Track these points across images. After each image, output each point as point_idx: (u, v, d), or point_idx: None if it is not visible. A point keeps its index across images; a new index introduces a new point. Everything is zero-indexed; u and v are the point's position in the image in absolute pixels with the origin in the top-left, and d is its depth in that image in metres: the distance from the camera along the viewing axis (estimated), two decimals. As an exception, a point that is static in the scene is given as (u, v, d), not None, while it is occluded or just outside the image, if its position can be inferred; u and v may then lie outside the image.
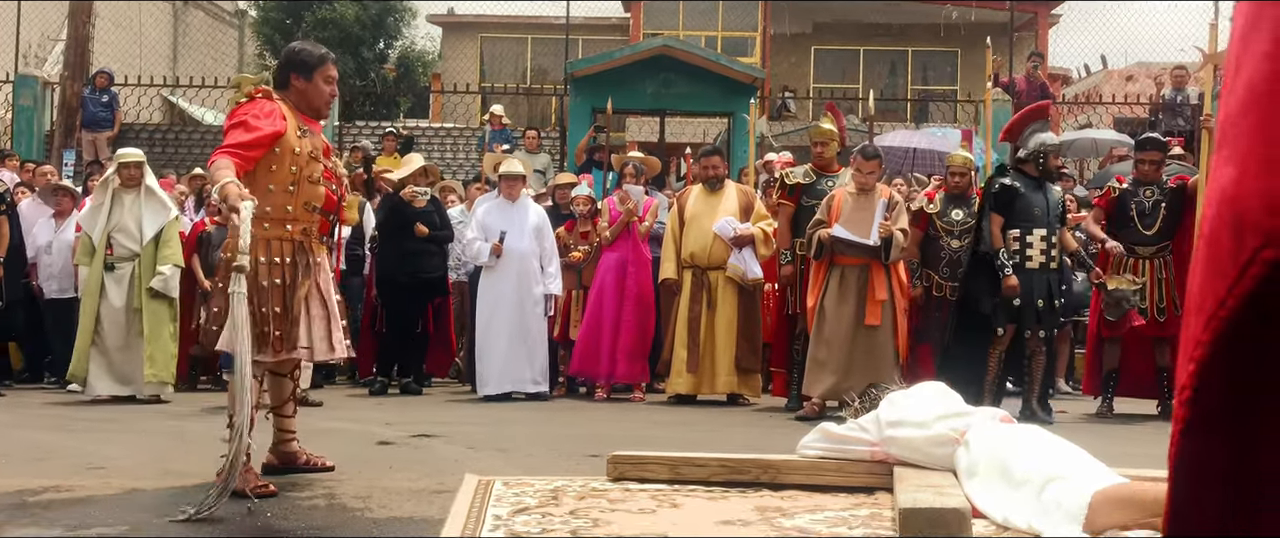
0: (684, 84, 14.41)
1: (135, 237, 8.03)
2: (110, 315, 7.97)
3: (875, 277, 7.35)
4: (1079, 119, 18.18)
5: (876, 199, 7.42)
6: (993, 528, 3.43)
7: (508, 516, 3.52)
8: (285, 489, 4.12)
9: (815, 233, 7.48)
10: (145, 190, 8.10)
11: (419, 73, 25.57)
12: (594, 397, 8.63)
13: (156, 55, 22.12)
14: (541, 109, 20.44)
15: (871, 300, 7.29)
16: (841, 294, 7.39)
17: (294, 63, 4.62)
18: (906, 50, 22.13)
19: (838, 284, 7.41)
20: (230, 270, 4.08)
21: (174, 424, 6.69)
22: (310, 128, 4.60)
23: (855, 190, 7.50)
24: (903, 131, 15.90)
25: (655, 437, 6.02)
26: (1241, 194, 0.88)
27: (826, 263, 7.46)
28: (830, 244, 7.38)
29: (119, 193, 8.07)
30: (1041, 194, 7.49)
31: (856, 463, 4.11)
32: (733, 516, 3.58)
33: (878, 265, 7.35)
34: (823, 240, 7.40)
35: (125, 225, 8.04)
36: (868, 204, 7.39)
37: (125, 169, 8.03)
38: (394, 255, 8.92)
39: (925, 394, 4.29)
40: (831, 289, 7.42)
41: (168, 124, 18.18)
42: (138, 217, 8.06)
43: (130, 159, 8.12)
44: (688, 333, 8.18)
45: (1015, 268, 7.32)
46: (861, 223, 7.32)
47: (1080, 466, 3.52)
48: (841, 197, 7.52)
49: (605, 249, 8.77)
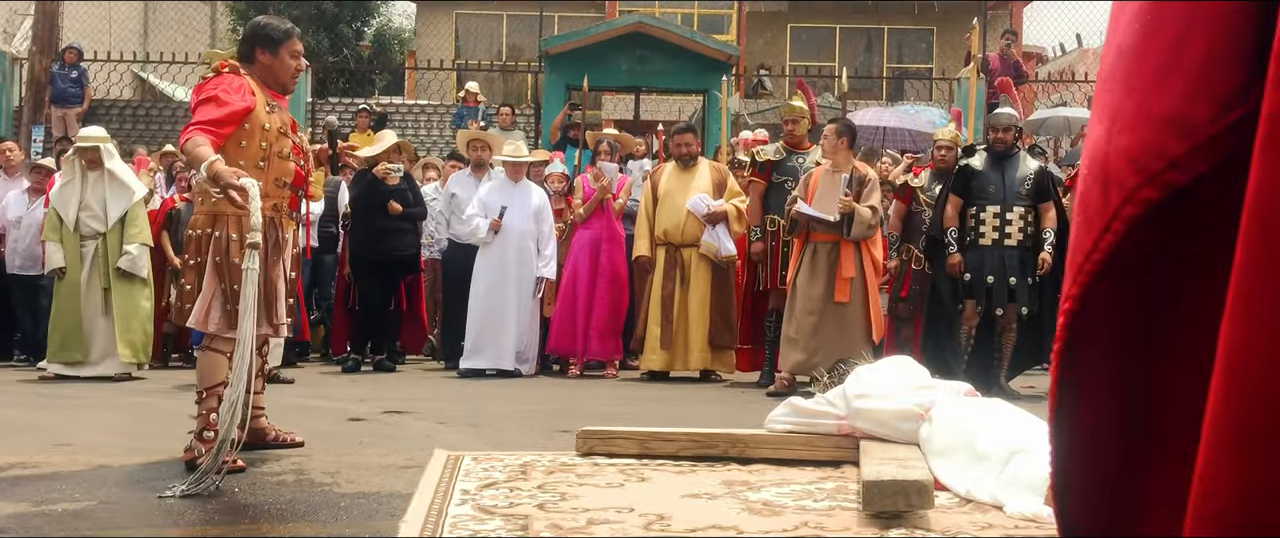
0: (659, 61, 14.37)
1: (100, 217, 7.97)
2: (75, 294, 7.92)
3: (845, 254, 7.40)
4: (1053, 98, 18.26)
5: (842, 175, 7.47)
6: (956, 501, 3.47)
7: (476, 490, 3.53)
8: (253, 465, 4.12)
9: (790, 209, 7.54)
10: (108, 173, 8.03)
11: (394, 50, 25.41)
12: (567, 374, 8.65)
13: (127, 31, 21.90)
14: (516, 86, 20.36)
15: (839, 278, 7.35)
16: (813, 271, 7.46)
17: (259, 37, 4.56)
18: (883, 28, 22.15)
19: (810, 260, 7.48)
20: (206, 247, 4.17)
21: (143, 401, 6.66)
22: (278, 103, 4.57)
23: (830, 167, 7.54)
24: (874, 109, 15.92)
25: (627, 413, 6.04)
26: (1108, 151, 0.90)
27: (803, 240, 7.52)
28: (802, 221, 7.43)
29: (85, 172, 8.00)
30: (1000, 171, 7.54)
31: (823, 437, 4.14)
32: (700, 489, 3.61)
33: (847, 243, 7.40)
34: (795, 216, 7.46)
35: (90, 205, 7.98)
36: (835, 180, 7.44)
37: (83, 152, 7.96)
38: (367, 233, 8.89)
39: (892, 369, 4.33)
40: (804, 266, 7.48)
41: (139, 100, 18.01)
42: (101, 197, 8.00)
43: (88, 142, 8.03)
44: (661, 310, 8.19)
45: (968, 245, 7.41)
46: (829, 199, 7.38)
47: (1043, 439, 3.56)
48: (818, 174, 7.56)
49: (579, 227, 8.77)
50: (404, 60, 22.68)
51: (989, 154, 7.67)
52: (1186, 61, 0.87)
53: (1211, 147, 0.85)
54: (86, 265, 7.95)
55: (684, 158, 8.40)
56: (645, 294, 8.37)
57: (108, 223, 7.96)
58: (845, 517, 3.21)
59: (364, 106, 14.75)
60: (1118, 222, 0.89)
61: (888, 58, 22.23)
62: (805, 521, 3.14)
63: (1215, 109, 0.85)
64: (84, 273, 7.95)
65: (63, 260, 7.95)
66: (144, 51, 20.00)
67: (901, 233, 8.45)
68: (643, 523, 3.08)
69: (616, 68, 14.28)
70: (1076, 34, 23.53)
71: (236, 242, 4.24)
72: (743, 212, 8.21)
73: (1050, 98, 18.37)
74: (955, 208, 7.55)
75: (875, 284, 7.58)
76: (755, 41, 21.40)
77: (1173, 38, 0.88)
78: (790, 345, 7.43)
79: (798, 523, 3.11)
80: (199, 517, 3.27)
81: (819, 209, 7.35)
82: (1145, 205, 0.88)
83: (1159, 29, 0.90)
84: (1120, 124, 0.90)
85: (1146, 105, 0.89)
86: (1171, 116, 0.87)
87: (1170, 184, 0.87)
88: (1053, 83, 18.90)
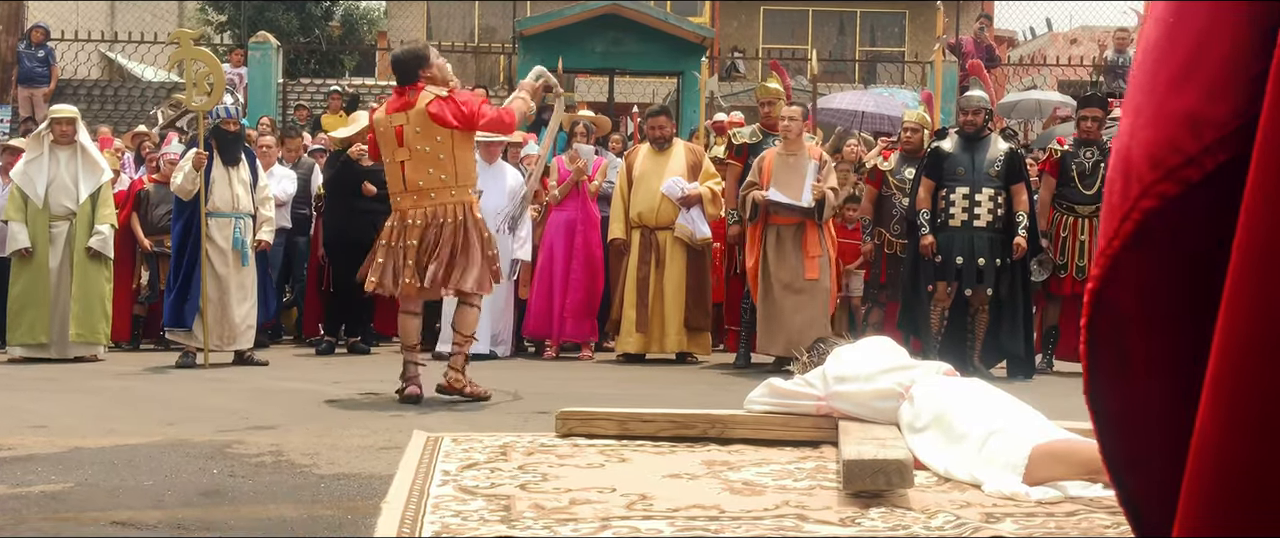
0: (634, 43, 14.34)
1: (73, 195, 7.89)
2: (44, 275, 7.83)
3: (809, 234, 7.50)
4: (1024, 81, 18.37)
5: (805, 160, 7.51)
6: (935, 480, 3.50)
7: (457, 471, 3.53)
8: (230, 446, 4.10)
9: (748, 195, 7.57)
10: (80, 148, 7.95)
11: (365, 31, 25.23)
12: (543, 356, 8.64)
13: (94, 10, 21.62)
14: (489, 68, 20.26)
15: (808, 256, 7.43)
16: (779, 253, 7.52)
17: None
18: (855, 11, 22.18)
19: (775, 244, 7.54)
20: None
21: (116, 384, 6.61)
22: None
23: (783, 151, 7.58)
24: (852, 93, 15.97)
25: (604, 394, 6.05)
26: (1130, 145, 0.93)
27: (762, 224, 7.56)
28: (764, 206, 7.47)
29: (54, 150, 7.91)
30: (970, 154, 7.59)
31: (802, 418, 4.17)
32: (680, 469, 3.62)
33: (811, 223, 7.48)
34: (757, 202, 7.49)
35: (62, 183, 7.89)
36: (798, 165, 7.49)
37: (57, 125, 7.88)
38: (342, 214, 8.83)
39: (871, 349, 4.35)
40: (770, 249, 7.55)
41: (106, 80, 17.80)
42: (74, 175, 7.91)
43: (63, 115, 7.96)
44: (636, 293, 8.19)
45: (939, 227, 7.47)
46: (793, 185, 7.42)
47: (1021, 419, 3.61)
48: (771, 157, 7.60)
49: (554, 209, 8.75)
50: (375, 41, 22.52)
51: (960, 136, 7.73)
52: (1208, 62, 0.90)
53: (1223, 146, 0.88)
54: (58, 246, 7.87)
55: (659, 140, 8.39)
56: (620, 277, 8.37)
57: (79, 200, 7.88)
58: (826, 496, 3.23)
59: (336, 88, 14.65)
60: (1136, 212, 0.93)
61: (860, 40, 22.27)
62: (786, 500, 3.16)
63: (1233, 109, 0.88)
64: (56, 254, 7.86)
65: (28, 241, 7.85)
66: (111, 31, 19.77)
67: (873, 217, 8.50)
68: (625, 503, 3.09)
69: (591, 50, 14.24)
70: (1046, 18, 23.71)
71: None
72: (718, 194, 8.22)
73: (1021, 81, 18.47)
74: (927, 190, 7.61)
75: (834, 261, 7.77)
76: (729, 24, 21.38)
77: (1195, 39, 0.90)
78: (770, 327, 7.48)
79: (779, 503, 3.13)
80: (178, 500, 3.25)
81: (785, 195, 7.40)
82: (1161, 199, 0.91)
83: (1182, 29, 0.92)
84: (1143, 119, 0.93)
85: (1166, 103, 0.92)
86: (1190, 115, 0.90)
87: (1186, 180, 0.90)
88: (1024, 66, 19.01)
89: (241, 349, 7.62)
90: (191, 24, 22.44)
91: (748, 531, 2.79)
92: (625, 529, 2.77)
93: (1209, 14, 0.91)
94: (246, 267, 7.67)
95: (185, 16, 24.18)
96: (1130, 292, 0.94)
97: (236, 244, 7.57)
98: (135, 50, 17.94)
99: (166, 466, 3.74)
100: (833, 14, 22.29)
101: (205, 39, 10.73)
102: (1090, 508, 3.09)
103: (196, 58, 7.59)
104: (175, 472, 3.64)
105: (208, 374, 7.09)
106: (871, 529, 2.83)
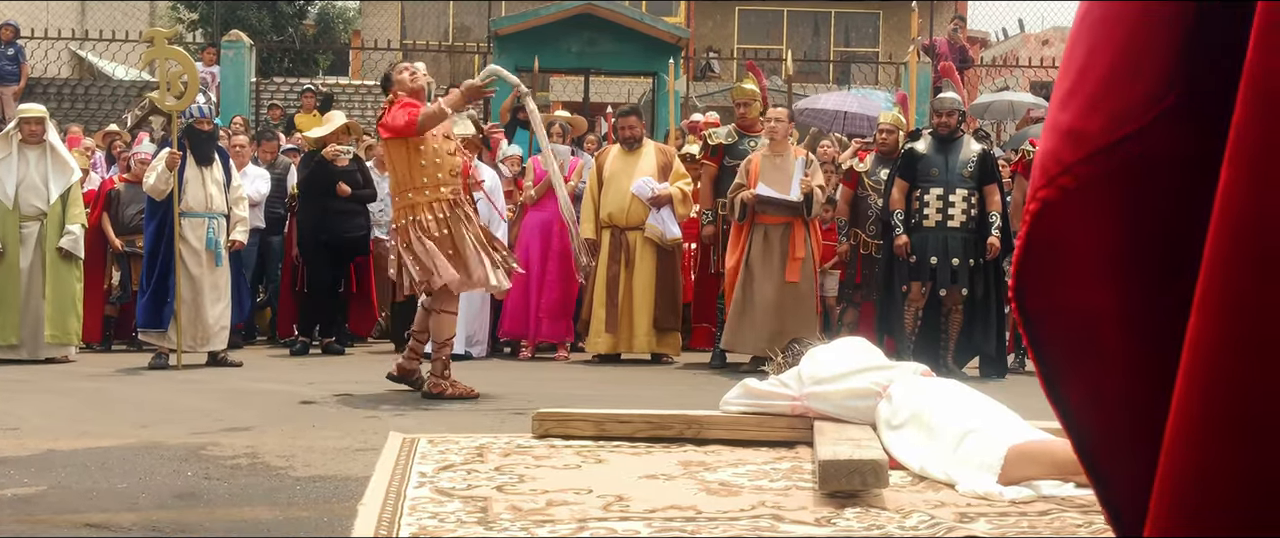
0: (609, 43, 14.34)
1: (43, 195, 7.82)
2: (15, 276, 7.76)
3: (796, 234, 7.52)
4: (997, 82, 18.50)
5: (792, 158, 7.56)
6: (910, 479, 3.53)
7: (433, 472, 3.53)
8: (205, 448, 4.08)
9: (737, 196, 7.60)
10: (49, 148, 7.89)
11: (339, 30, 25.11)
12: (518, 356, 8.64)
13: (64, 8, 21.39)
14: (464, 67, 20.20)
15: (792, 258, 7.46)
16: (766, 253, 7.55)
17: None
18: (830, 11, 22.26)
19: (762, 243, 7.57)
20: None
21: (89, 385, 6.56)
22: None
23: (769, 153, 7.62)
24: (835, 94, 16.04)
25: (579, 395, 6.05)
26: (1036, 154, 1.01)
27: (748, 224, 7.59)
28: (753, 205, 7.50)
29: (23, 149, 7.84)
30: (944, 155, 7.65)
31: (778, 418, 4.19)
32: (657, 470, 3.63)
33: (799, 223, 7.52)
34: (746, 201, 7.52)
35: (32, 183, 7.82)
36: (784, 164, 7.54)
37: (26, 124, 7.81)
38: (316, 215, 8.80)
39: (846, 350, 4.38)
40: (756, 249, 7.57)
41: (77, 79, 17.64)
42: (44, 174, 7.85)
43: (32, 114, 7.90)
44: (606, 293, 8.19)
45: (913, 227, 7.53)
46: (780, 181, 7.46)
47: (997, 419, 3.64)
48: (758, 159, 7.64)
49: (529, 209, 8.74)
50: (348, 40, 22.41)
51: (933, 137, 7.78)
52: (1089, 81, 1.00)
53: (1101, 158, 0.96)
54: (29, 247, 7.80)
55: (629, 140, 8.39)
56: (590, 277, 8.36)
57: (50, 200, 7.81)
58: (801, 496, 3.25)
59: (309, 87, 14.57)
60: (1028, 214, 1.02)
61: (834, 41, 22.35)
62: (762, 500, 3.18)
63: (1105, 123, 0.96)
64: (27, 255, 7.78)
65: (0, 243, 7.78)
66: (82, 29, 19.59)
67: (849, 217, 8.55)
68: (602, 504, 3.09)
69: (566, 49, 14.23)
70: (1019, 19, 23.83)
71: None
72: (688, 194, 8.23)
73: (994, 82, 18.60)
74: (902, 191, 7.66)
75: (817, 263, 7.80)
76: (704, 24, 21.41)
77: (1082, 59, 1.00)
78: (746, 327, 7.51)
79: (755, 503, 3.14)
80: (152, 502, 3.24)
81: (774, 191, 7.44)
82: (1043, 204, 1.00)
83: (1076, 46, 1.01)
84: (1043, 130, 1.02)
85: (1057, 116, 1.02)
86: (1070, 128, 0.99)
87: (1064, 187, 0.98)
88: (996, 68, 19.13)
89: (215, 350, 7.58)
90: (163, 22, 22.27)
91: (724, 531, 2.80)
92: (602, 530, 2.78)
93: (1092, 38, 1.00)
94: (220, 267, 7.64)
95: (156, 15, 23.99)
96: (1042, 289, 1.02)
97: (210, 244, 7.54)
98: (106, 49, 17.77)
99: (140, 468, 3.72)
100: (807, 14, 22.36)
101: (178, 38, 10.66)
102: (1063, 507, 3.12)
103: (170, 57, 7.54)
104: (149, 474, 3.62)
105: (181, 376, 7.04)
106: (847, 529, 2.85)
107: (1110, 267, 0.97)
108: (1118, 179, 0.94)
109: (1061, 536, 2.85)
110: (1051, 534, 2.85)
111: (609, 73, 16.33)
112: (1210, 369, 0.82)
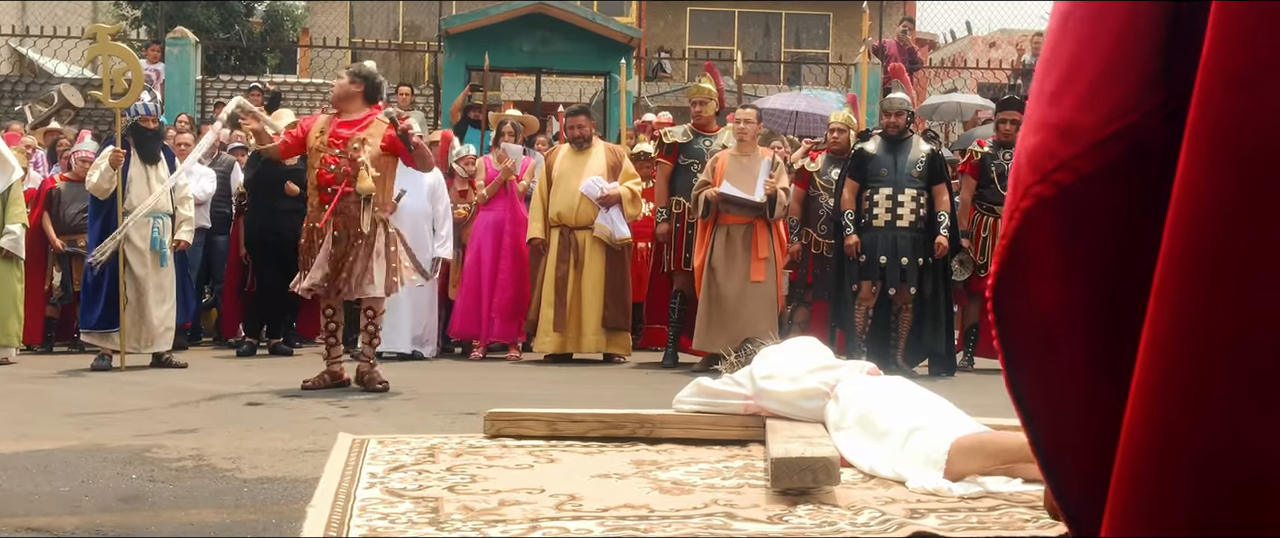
0: (561, 42, 14.30)
1: (-20, 194, 7.67)
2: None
3: (758, 235, 7.54)
4: (945, 84, 18.68)
5: (759, 159, 7.59)
6: (861, 477, 3.55)
7: (383, 473, 3.49)
8: (149, 451, 4.01)
9: (702, 194, 7.61)
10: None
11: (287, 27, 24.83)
12: (470, 356, 8.59)
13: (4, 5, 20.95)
14: (414, 66, 20.07)
15: (755, 258, 7.49)
16: (728, 252, 7.58)
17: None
18: (780, 12, 22.37)
19: (724, 243, 7.59)
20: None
21: (29, 387, 6.43)
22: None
23: (737, 152, 7.65)
24: (786, 94, 16.12)
25: (532, 395, 6.03)
26: (1019, 150, 1.00)
27: (712, 223, 7.61)
28: (717, 203, 7.52)
29: (-39, 149, 7.68)
30: (893, 155, 7.72)
31: (730, 417, 4.20)
32: (609, 469, 3.63)
33: (761, 224, 7.54)
34: (710, 200, 7.54)
35: (-31, 183, 7.66)
36: (751, 165, 7.56)
37: None
38: (264, 214, 8.69)
39: (797, 349, 4.40)
40: (718, 248, 7.60)
41: (17, 76, 17.30)
42: (-19, 174, 7.69)
43: None
44: (554, 292, 8.16)
45: (863, 227, 7.58)
46: (745, 182, 7.49)
47: (942, 416, 3.67)
48: (724, 158, 7.66)
49: (482, 208, 8.70)
50: (297, 38, 22.18)
51: (882, 138, 7.86)
52: (1081, 76, 0.98)
53: (1097, 151, 0.93)
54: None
55: (578, 139, 8.37)
56: (539, 277, 8.34)
57: (-12, 200, 7.67)
58: (754, 494, 3.26)
59: (256, 85, 14.39)
60: (1017, 212, 1.01)
61: (785, 42, 22.47)
62: (715, 498, 3.18)
63: (1099, 118, 0.95)
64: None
65: None
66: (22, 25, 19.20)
67: (800, 217, 8.60)
68: (554, 503, 3.08)
69: (518, 48, 14.17)
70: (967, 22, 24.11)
71: None
72: (637, 194, 8.23)
73: (942, 84, 18.78)
74: (852, 191, 7.73)
75: (782, 264, 7.81)
76: (655, 24, 21.43)
77: (1071, 54, 0.97)
78: (710, 326, 7.52)
79: (707, 501, 3.14)
80: (96, 505, 3.18)
81: (738, 190, 7.47)
82: (1037, 200, 0.98)
83: (1062, 44, 0.99)
84: (1029, 127, 0.99)
85: (1047, 113, 1.00)
86: (1063, 124, 0.97)
87: (1059, 182, 0.97)
88: (945, 69, 19.32)
89: (160, 352, 7.47)
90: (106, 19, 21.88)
91: (677, 529, 2.80)
92: (555, 530, 2.77)
93: (1080, 36, 0.99)
94: (165, 267, 7.52)
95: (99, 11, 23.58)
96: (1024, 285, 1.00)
97: (155, 244, 7.42)
98: (47, 45, 17.45)
99: (83, 471, 3.65)
100: (758, 15, 22.46)
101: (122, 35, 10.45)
102: (1011, 503, 3.16)
103: (114, 53, 7.41)
104: (92, 477, 3.55)
105: (124, 377, 6.93)
106: (799, 526, 2.86)
107: (1096, 264, 0.95)
108: (1112, 175, 0.93)
109: (1010, 531, 2.87)
110: (1000, 530, 2.88)
111: (561, 72, 16.29)
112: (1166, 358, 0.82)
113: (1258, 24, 0.76)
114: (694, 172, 8.02)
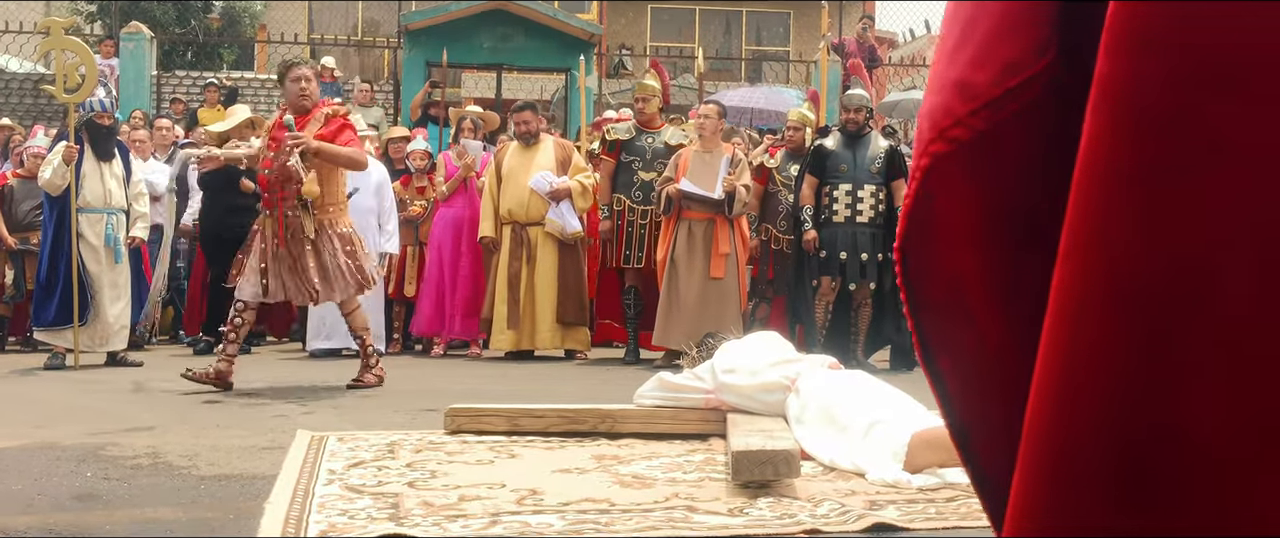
0: (521, 39, 14.26)
1: (-68, 190, 7.54)
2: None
3: (719, 231, 7.55)
4: (904, 82, 18.80)
5: (721, 155, 7.61)
6: (821, 469, 3.57)
7: (343, 469, 3.47)
8: (104, 449, 3.96)
9: (664, 189, 7.63)
10: (-57, 141, 7.61)
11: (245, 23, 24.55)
12: (430, 353, 8.55)
13: (-47, -3, 20.58)
14: (374, 62, 19.94)
15: (716, 254, 7.51)
16: (690, 248, 7.60)
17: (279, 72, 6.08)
18: (741, 10, 22.45)
19: (686, 238, 7.61)
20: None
21: (-20, 387, 6.33)
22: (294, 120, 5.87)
23: (700, 148, 7.66)
24: (743, 90, 16.16)
25: (492, 391, 6.01)
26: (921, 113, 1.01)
27: (675, 218, 7.62)
28: (678, 199, 7.53)
29: (-87, 143, 7.54)
30: (852, 151, 7.77)
31: (691, 411, 4.21)
32: (570, 464, 3.62)
33: (722, 220, 7.55)
34: (670, 196, 7.55)
35: (-79, 178, 7.53)
36: (713, 161, 7.58)
37: None
38: (219, 211, 8.61)
39: (758, 344, 4.42)
40: (680, 243, 7.61)
41: (-33, 71, 16.98)
42: (-63, 169, 7.56)
43: None
44: (508, 289, 8.13)
45: (823, 222, 7.63)
46: (707, 178, 7.51)
47: (902, 409, 3.70)
48: (688, 154, 7.68)
49: (441, 205, 8.65)
50: (254, 34, 21.96)
51: (842, 134, 7.91)
52: (975, 34, 0.98)
53: (991, 109, 0.94)
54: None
55: (525, 135, 8.33)
56: (491, 274, 8.30)
57: (-61, 197, 7.55)
58: (714, 487, 3.27)
59: (213, 81, 14.25)
60: (918, 171, 0.99)
61: (746, 39, 22.55)
62: (676, 492, 3.19)
63: (995, 75, 0.94)
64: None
65: None
66: (-27, 19, 18.84)
67: (760, 213, 8.63)
68: (515, 498, 3.08)
69: (478, 45, 14.12)
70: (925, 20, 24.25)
71: None
72: (588, 187, 8.20)
73: (902, 82, 18.91)
74: (811, 187, 7.78)
75: (744, 260, 7.82)
76: (616, 21, 21.43)
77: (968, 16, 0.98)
78: (671, 321, 7.53)
79: (668, 495, 3.15)
80: (49, 504, 3.13)
81: (698, 186, 7.48)
82: (934, 158, 0.97)
83: (959, 9, 1.01)
84: (930, 88, 1.01)
85: (944, 72, 1.00)
86: (959, 81, 0.97)
87: (956, 139, 0.96)
88: (904, 67, 19.44)
89: (114, 350, 7.37)
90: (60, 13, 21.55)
91: (638, 523, 2.80)
92: (516, 524, 2.76)
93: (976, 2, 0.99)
94: (120, 264, 7.42)
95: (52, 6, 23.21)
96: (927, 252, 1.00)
97: (109, 241, 7.32)
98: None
99: (36, 469, 3.59)
100: (719, 12, 22.52)
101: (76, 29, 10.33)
102: (969, 494, 3.18)
103: (67, 48, 7.31)
104: (45, 475, 3.50)
105: (78, 375, 6.83)
106: (759, 519, 2.87)
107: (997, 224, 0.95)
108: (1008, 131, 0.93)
109: (967, 522, 2.90)
110: (957, 520, 2.91)
111: (521, 69, 16.24)
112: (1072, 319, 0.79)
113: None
114: (635, 169, 8.03)
